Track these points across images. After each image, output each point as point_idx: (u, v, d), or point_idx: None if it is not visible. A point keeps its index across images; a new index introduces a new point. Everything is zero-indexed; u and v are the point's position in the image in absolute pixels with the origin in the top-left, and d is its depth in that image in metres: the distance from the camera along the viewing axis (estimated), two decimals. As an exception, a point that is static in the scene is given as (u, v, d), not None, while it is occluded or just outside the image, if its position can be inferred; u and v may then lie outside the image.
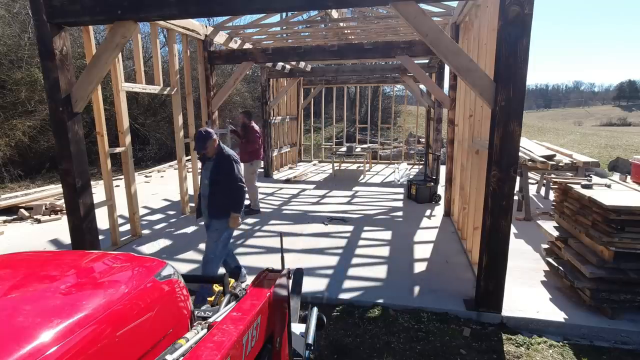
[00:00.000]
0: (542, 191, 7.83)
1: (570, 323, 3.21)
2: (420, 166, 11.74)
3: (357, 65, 9.71)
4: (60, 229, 5.74)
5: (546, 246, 4.27)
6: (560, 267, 3.71)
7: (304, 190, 8.61)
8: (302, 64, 9.38)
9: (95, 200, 4.14)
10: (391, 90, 22.22)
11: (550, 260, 4.00)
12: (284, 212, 6.79)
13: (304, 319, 2.13)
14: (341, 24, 7.07)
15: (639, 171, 4.03)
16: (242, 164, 6.55)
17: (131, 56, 11.70)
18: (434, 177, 7.85)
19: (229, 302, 1.82)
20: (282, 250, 2.14)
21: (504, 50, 2.93)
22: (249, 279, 3.89)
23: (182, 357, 1.17)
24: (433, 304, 3.52)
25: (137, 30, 4.54)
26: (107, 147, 4.92)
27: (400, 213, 6.66)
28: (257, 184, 6.76)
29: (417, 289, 3.83)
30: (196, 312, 1.69)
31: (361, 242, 5.19)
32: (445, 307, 3.47)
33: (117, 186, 6.56)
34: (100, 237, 4.24)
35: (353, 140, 13.70)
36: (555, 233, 4.00)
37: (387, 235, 5.46)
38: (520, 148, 5.16)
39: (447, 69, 7.23)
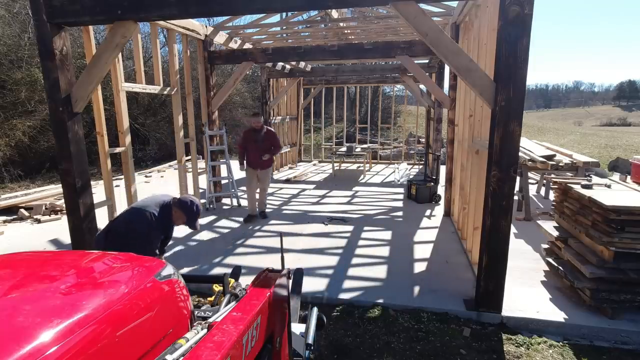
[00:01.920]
0: (542, 191, 7.83)
1: (570, 323, 3.21)
2: (420, 166, 11.74)
3: (357, 65, 9.70)
4: (60, 229, 5.74)
5: (546, 246, 4.26)
6: (560, 267, 3.71)
7: (304, 190, 8.61)
8: (302, 64, 9.38)
9: (95, 200, 4.14)
10: (391, 90, 22.25)
11: (550, 260, 4.00)
12: (284, 212, 6.79)
13: (304, 319, 2.14)
14: (341, 24, 7.07)
15: (639, 171, 4.03)
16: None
17: (131, 56, 11.69)
18: (434, 177, 7.85)
19: (229, 302, 1.82)
20: (282, 250, 2.13)
21: (504, 50, 2.93)
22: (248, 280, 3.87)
23: (182, 357, 1.17)
24: (433, 304, 3.52)
25: (137, 30, 4.54)
26: (107, 147, 4.91)
27: (400, 213, 6.66)
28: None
29: (417, 289, 3.83)
30: (196, 312, 1.69)
31: (361, 242, 5.19)
32: (445, 307, 3.47)
33: (117, 186, 6.55)
34: (100, 237, 4.23)
35: (353, 140, 13.69)
36: (555, 233, 4.00)
37: (387, 235, 5.46)
38: (520, 148, 5.16)
39: (447, 69, 7.23)
